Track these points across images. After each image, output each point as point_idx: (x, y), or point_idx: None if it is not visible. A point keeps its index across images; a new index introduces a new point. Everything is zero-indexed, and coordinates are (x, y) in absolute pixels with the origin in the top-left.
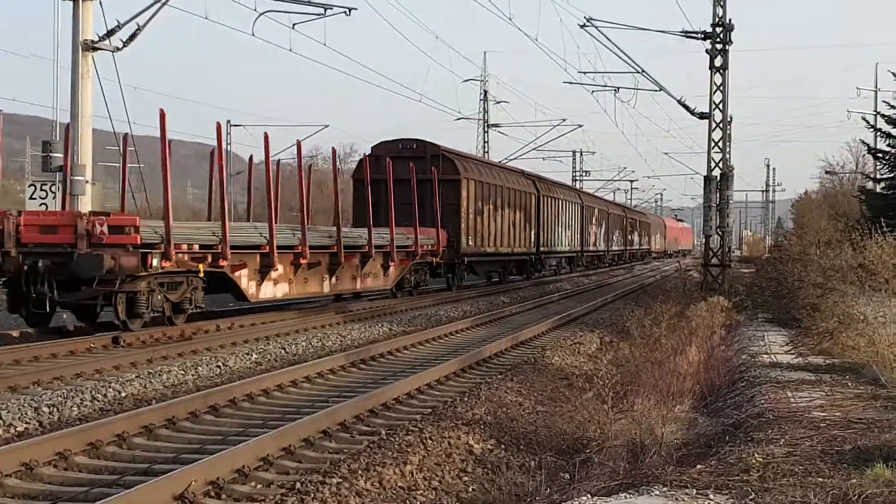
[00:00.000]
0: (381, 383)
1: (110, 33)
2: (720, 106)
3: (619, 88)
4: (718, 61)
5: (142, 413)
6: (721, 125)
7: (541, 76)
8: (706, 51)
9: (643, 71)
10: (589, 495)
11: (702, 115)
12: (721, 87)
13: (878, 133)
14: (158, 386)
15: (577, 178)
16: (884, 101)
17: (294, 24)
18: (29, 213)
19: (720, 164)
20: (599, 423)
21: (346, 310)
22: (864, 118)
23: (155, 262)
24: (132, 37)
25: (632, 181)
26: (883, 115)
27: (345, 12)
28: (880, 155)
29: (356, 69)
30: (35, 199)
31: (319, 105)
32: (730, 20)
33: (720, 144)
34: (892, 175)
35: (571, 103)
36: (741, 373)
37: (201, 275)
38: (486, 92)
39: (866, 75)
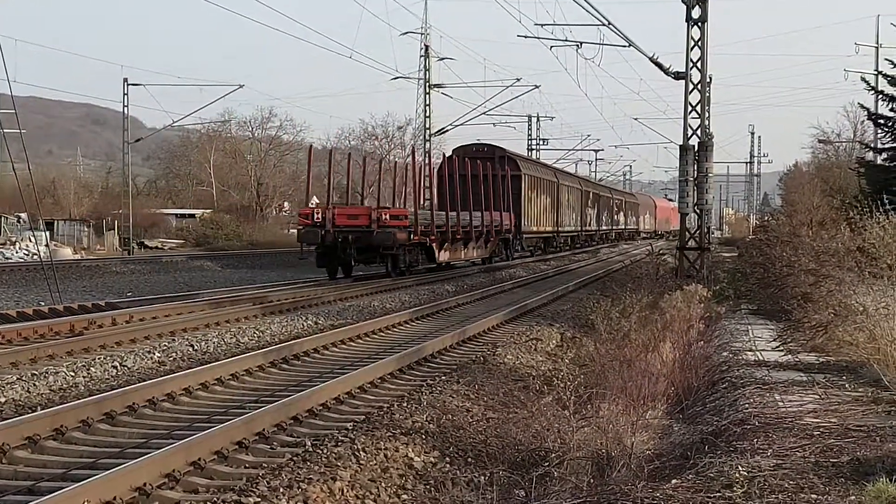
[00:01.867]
0: (305, 386)
1: None
2: (698, 64)
3: (581, 43)
4: (696, 12)
5: (25, 421)
6: (699, 87)
7: (491, 29)
8: (682, 0)
9: (610, 23)
10: None
11: (677, 75)
12: (700, 43)
13: (880, 96)
14: (44, 390)
15: (534, 146)
16: (886, 59)
17: None
18: (339, 206)
19: (698, 132)
20: (560, 432)
21: (265, 301)
22: (863, 79)
23: (411, 236)
24: None
25: (596, 151)
26: (886, 76)
27: None
28: (882, 121)
29: (275, 19)
30: None
31: (232, 62)
32: None
33: (698, 109)
34: (895, 145)
35: (526, 61)
36: (722, 373)
37: (427, 244)
38: (427, 47)
39: (866, 29)
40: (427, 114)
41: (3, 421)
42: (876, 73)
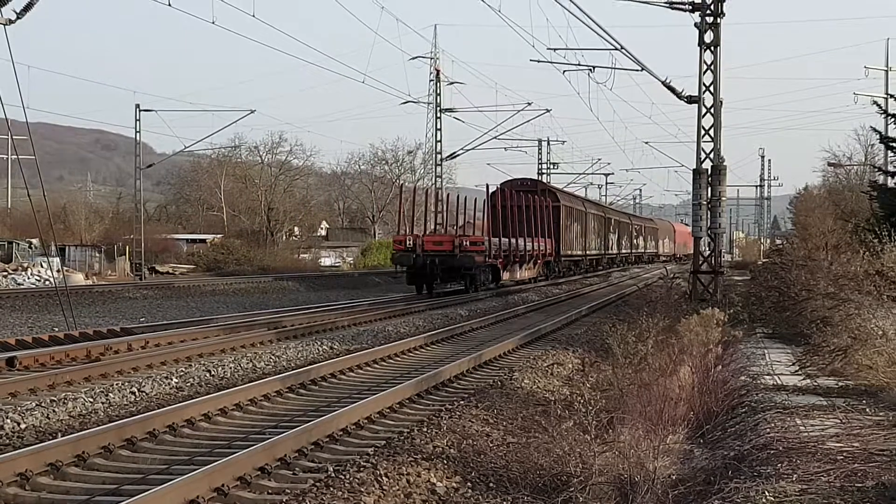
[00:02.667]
0: (324, 411)
1: (1, 3)
2: (711, 88)
3: (594, 68)
4: (709, 37)
5: (47, 448)
6: (712, 110)
7: (503, 54)
8: (695, 24)
9: (622, 48)
10: None
11: (690, 99)
12: (712, 67)
13: (892, 119)
14: (63, 416)
15: (544, 171)
16: None
17: None
18: (427, 235)
19: (711, 156)
20: (581, 457)
21: (280, 326)
22: (875, 102)
23: (486, 259)
24: (27, 6)
25: (607, 175)
26: None
27: None
28: (893, 144)
29: (289, 45)
30: None
31: (245, 87)
32: None
33: (711, 133)
34: None
35: (538, 85)
36: (741, 397)
37: (496, 266)
38: (437, 72)
39: (875, 53)
40: (438, 138)
41: (25, 447)
42: (887, 96)
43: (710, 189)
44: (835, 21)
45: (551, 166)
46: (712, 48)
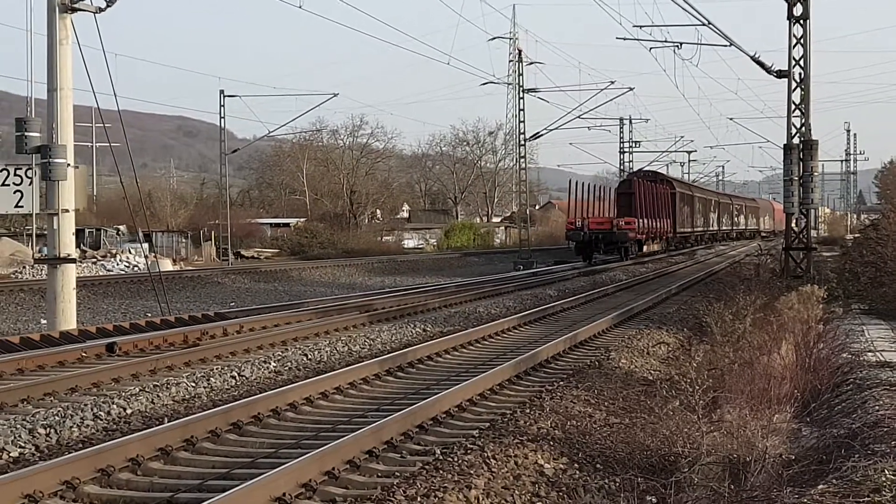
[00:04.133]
0: (424, 394)
1: None
2: (801, 62)
3: (681, 44)
4: (798, 10)
5: (156, 433)
6: (802, 85)
7: (585, 33)
8: None
9: (709, 23)
10: None
11: (780, 74)
12: (802, 40)
13: None
14: (168, 400)
15: (626, 149)
16: None
17: None
18: (592, 217)
19: (801, 131)
20: (689, 437)
21: (372, 308)
22: None
23: (635, 235)
24: None
25: (689, 152)
26: None
27: None
28: None
29: (375, 27)
30: (8, 185)
31: (329, 70)
32: None
33: (801, 107)
34: None
35: (620, 63)
36: (845, 374)
37: (642, 240)
38: (519, 51)
39: None
40: (520, 119)
41: (133, 433)
42: None
43: (801, 164)
44: None
45: (633, 144)
46: (802, 21)
